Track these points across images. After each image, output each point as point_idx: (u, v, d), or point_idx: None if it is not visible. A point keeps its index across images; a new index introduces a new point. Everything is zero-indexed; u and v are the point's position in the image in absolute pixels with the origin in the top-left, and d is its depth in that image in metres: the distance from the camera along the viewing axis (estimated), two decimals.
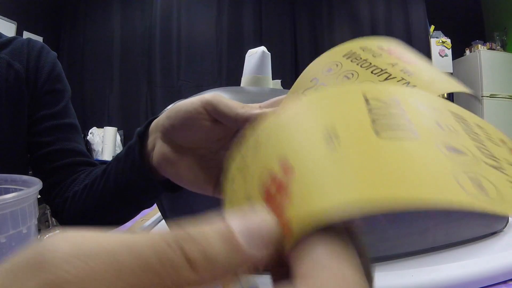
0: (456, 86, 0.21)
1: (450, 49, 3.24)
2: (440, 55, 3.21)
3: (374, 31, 3.16)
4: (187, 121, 0.29)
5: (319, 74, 0.25)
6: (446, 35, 3.27)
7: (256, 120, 0.26)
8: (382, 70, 0.22)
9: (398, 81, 0.21)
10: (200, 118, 0.29)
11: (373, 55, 0.23)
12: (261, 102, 0.41)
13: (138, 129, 0.35)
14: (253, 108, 0.27)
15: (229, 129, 0.30)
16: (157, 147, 0.32)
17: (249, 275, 0.11)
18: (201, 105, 0.29)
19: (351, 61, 0.24)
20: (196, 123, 0.29)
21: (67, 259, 0.09)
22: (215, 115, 0.28)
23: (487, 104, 3.05)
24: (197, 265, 0.10)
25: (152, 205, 0.42)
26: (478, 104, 3.09)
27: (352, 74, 0.23)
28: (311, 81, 0.25)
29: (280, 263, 0.11)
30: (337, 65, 0.24)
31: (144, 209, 0.43)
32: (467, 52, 3.31)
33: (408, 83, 0.21)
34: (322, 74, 0.24)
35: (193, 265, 0.09)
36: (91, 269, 0.09)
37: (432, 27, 3.27)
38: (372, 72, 0.22)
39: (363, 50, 0.24)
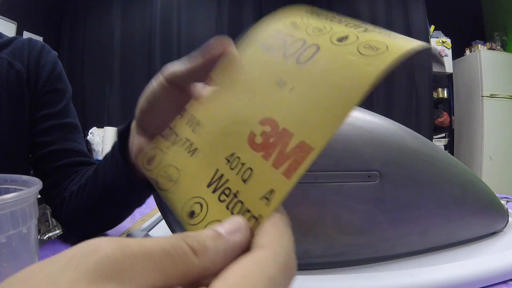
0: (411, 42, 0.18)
1: (450, 49, 3.24)
2: (440, 55, 3.21)
3: None
4: (153, 99, 0.29)
5: (284, 28, 0.23)
6: (446, 35, 3.27)
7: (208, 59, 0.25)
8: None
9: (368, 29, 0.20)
10: (164, 91, 0.28)
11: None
12: None
13: (119, 127, 0.35)
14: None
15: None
16: (134, 141, 0.32)
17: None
18: (161, 77, 0.28)
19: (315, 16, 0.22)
20: (162, 98, 0.28)
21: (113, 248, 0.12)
22: (174, 78, 0.28)
23: (487, 104, 3.05)
24: (196, 251, 0.14)
25: (142, 204, 0.42)
26: (478, 104, 3.09)
27: (325, 26, 0.21)
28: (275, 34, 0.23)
29: None
30: (301, 18, 0.23)
31: (134, 209, 0.43)
32: (467, 52, 3.31)
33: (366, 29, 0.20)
34: (286, 28, 0.23)
35: (194, 250, 0.14)
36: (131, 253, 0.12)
37: (432, 27, 3.26)
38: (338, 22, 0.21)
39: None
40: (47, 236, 2.03)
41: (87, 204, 0.44)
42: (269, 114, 0.18)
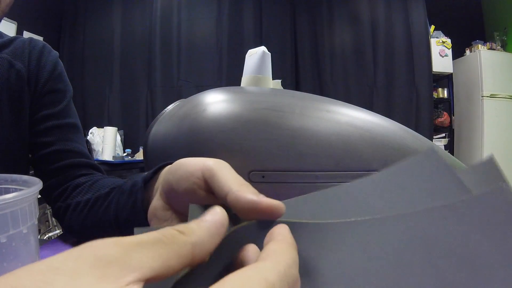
0: None
1: (450, 49, 3.24)
2: (440, 55, 3.21)
3: (374, 31, 3.16)
4: (186, 189, 0.26)
5: None
6: (446, 35, 3.28)
7: (245, 209, 0.21)
8: None
9: None
10: (197, 188, 0.25)
11: None
12: (261, 102, 0.41)
13: (146, 174, 0.34)
14: (248, 192, 0.21)
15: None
16: (154, 200, 0.31)
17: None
18: (201, 173, 0.25)
19: None
20: (194, 192, 0.25)
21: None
22: (210, 185, 0.25)
23: (487, 104, 3.05)
24: (183, 232, 0.15)
25: None
26: (478, 104, 3.09)
27: None
28: None
29: None
30: None
31: None
32: (467, 52, 3.31)
33: None
34: None
35: (181, 232, 0.15)
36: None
37: (432, 27, 3.27)
38: None
39: None
40: (47, 236, 2.03)
41: (92, 223, 0.44)
42: None
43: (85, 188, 0.51)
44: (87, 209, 0.45)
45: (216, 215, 0.17)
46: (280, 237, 0.17)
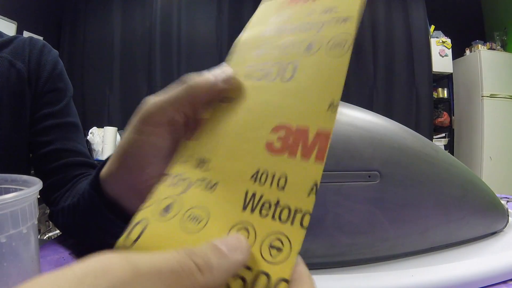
0: None
1: (450, 49, 3.24)
2: (440, 55, 3.21)
3: (374, 31, 3.15)
4: (129, 148, 0.26)
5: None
6: (446, 35, 3.27)
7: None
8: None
9: None
10: (142, 136, 0.25)
11: None
12: None
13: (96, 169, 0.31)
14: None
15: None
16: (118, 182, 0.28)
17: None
18: (135, 121, 0.26)
19: None
20: (140, 145, 0.25)
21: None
22: (151, 116, 0.25)
23: (487, 104, 3.05)
24: (202, 269, 0.13)
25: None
26: (478, 104, 3.09)
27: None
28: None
29: None
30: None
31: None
32: (467, 52, 3.31)
33: None
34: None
35: (200, 268, 0.13)
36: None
37: (432, 27, 3.26)
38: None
39: None
40: (47, 236, 2.03)
41: (78, 226, 0.40)
42: (278, 121, 0.19)
43: (74, 190, 0.49)
44: (71, 213, 0.41)
45: (239, 254, 0.15)
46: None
